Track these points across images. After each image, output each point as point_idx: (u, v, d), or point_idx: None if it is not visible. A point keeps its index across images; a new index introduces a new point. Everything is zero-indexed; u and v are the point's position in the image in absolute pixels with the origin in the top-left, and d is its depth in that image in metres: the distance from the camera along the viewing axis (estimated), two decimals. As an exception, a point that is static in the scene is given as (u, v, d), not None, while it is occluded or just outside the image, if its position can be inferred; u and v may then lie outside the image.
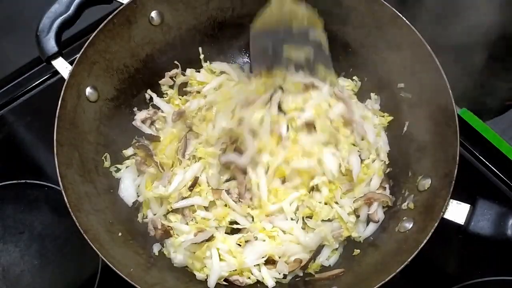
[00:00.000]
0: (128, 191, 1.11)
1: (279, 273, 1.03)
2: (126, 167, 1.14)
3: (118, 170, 1.13)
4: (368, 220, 1.09)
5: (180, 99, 1.23)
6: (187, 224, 1.06)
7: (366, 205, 1.08)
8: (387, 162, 1.14)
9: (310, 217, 1.07)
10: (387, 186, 1.11)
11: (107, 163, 1.10)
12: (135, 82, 1.19)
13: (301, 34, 1.06)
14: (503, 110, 1.57)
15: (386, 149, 1.14)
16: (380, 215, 1.07)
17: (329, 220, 1.07)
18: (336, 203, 1.08)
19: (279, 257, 1.03)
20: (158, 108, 1.22)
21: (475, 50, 1.25)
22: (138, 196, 1.11)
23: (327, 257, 1.07)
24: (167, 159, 1.11)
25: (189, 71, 1.25)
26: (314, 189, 1.10)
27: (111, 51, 1.10)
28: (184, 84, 1.25)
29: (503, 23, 1.18)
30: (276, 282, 1.03)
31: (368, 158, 1.13)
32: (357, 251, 1.06)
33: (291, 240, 1.05)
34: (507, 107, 1.56)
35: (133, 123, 1.18)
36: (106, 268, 1.09)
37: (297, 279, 1.05)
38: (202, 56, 1.26)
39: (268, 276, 1.02)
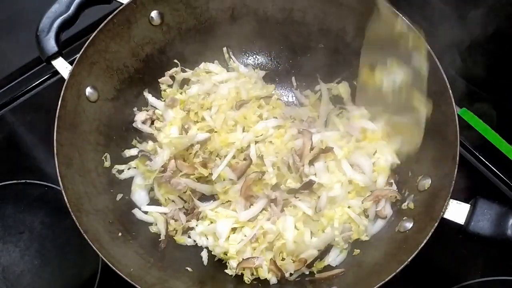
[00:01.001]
0: (140, 194, 1.12)
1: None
2: (128, 168, 1.14)
3: (120, 171, 1.13)
4: (376, 217, 1.08)
5: (181, 93, 1.23)
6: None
7: (374, 203, 1.07)
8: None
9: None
10: (392, 181, 1.10)
11: (107, 163, 1.10)
12: (135, 82, 1.19)
13: (405, 55, 1.01)
14: None
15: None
16: (388, 210, 1.07)
17: None
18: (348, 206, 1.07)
19: (285, 256, 1.04)
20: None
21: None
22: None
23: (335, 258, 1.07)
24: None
25: (203, 64, 1.26)
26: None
27: (111, 51, 1.10)
28: (185, 81, 1.25)
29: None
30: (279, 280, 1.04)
31: (373, 156, 1.12)
32: (357, 251, 1.06)
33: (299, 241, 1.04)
34: None
35: (134, 124, 1.18)
36: (106, 268, 1.09)
37: (297, 279, 1.05)
38: (226, 56, 1.28)
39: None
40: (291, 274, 1.04)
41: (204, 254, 1.08)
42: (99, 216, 1.00)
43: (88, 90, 1.06)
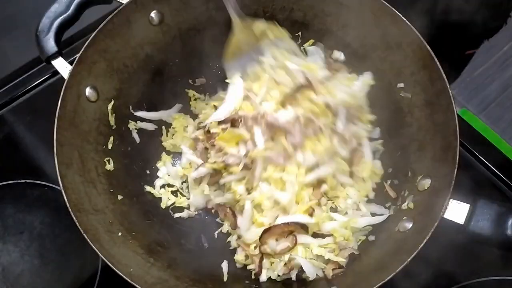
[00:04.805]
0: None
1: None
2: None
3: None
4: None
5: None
6: None
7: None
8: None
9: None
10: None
11: (109, 166, 1.10)
12: (135, 82, 1.19)
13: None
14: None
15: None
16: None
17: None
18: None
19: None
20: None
21: None
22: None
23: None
24: None
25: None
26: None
27: (111, 51, 1.10)
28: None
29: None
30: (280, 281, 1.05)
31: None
32: (361, 237, 1.06)
33: None
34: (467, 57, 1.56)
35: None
36: (106, 268, 1.09)
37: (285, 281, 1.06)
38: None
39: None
40: (279, 276, 1.04)
41: (225, 266, 1.07)
42: (99, 216, 1.00)
43: (88, 90, 1.06)
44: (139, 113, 1.19)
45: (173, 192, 1.19)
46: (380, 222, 1.07)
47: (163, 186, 1.19)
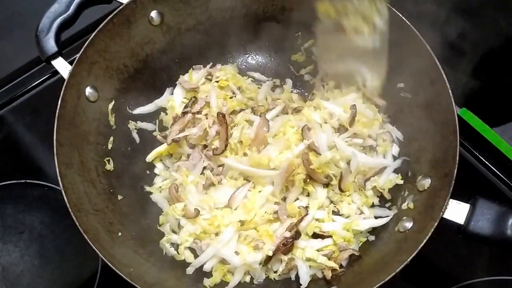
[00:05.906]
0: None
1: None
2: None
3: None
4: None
5: None
6: None
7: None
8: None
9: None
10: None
11: (109, 166, 1.10)
12: (135, 82, 1.19)
13: None
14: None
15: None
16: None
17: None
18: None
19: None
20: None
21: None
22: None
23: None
24: None
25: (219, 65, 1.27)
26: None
27: (111, 51, 1.10)
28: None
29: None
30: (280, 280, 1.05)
31: None
32: (362, 239, 1.06)
33: None
34: None
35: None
36: (106, 268, 1.09)
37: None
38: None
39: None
40: (279, 275, 1.03)
41: None
42: (99, 216, 1.00)
43: (88, 90, 1.06)
44: (137, 110, 1.19)
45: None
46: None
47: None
